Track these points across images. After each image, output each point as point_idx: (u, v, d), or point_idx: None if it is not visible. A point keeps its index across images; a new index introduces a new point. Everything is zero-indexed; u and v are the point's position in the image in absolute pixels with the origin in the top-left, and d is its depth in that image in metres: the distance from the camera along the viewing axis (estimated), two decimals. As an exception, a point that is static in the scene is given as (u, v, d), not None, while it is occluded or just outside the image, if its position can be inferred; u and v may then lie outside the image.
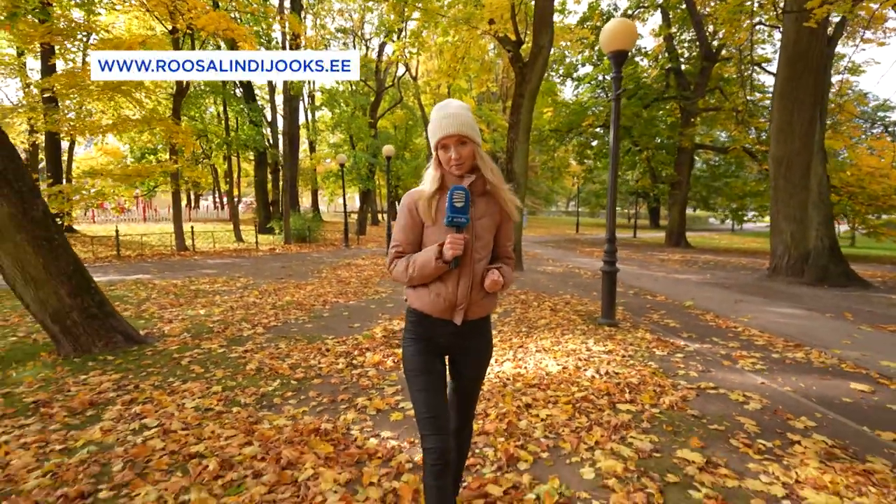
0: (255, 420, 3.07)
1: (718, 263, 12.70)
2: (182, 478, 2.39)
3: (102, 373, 3.98)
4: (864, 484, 2.32)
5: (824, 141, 9.12)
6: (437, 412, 1.67)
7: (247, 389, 3.61)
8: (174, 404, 3.32)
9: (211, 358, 4.39)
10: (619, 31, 5.00)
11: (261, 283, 8.98)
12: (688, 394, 3.47)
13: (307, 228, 18.33)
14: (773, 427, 2.96)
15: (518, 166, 10.00)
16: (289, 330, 5.43)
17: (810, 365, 4.23)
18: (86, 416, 3.17)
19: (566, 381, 3.69)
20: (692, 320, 5.95)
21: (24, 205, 4.15)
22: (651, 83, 20.09)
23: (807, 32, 7.60)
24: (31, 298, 4.30)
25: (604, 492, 2.27)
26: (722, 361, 4.28)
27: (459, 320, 1.67)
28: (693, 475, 2.39)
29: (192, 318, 5.98)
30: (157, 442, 2.76)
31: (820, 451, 2.64)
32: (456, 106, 1.63)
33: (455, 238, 1.54)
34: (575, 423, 2.99)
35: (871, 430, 2.94)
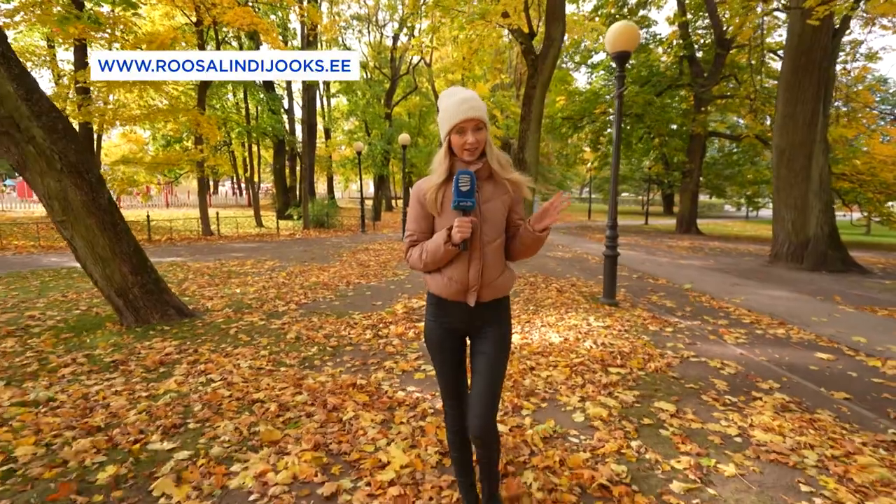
0: (301, 377, 3.66)
1: (724, 250, 13.02)
2: (250, 416, 2.98)
3: (163, 340, 4.61)
4: (806, 428, 2.82)
5: (827, 132, 9.39)
6: (453, 380, 1.85)
7: (290, 354, 4.20)
8: (231, 364, 3.93)
9: (254, 329, 5.00)
10: (622, 34, 5.39)
11: (287, 265, 9.60)
12: (672, 361, 3.98)
13: (325, 214, 18.95)
14: (742, 387, 3.46)
15: (529, 155, 10.41)
16: (318, 306, 6.03)
17: (788, 340, 4.69)
18: (159, 372, 3.79)
19: (566, 350, 4.21)
20: (688, 301, 6.42)
21: (93, 193, 4.76)
22: (665, 70, 20.15)
23: (811, 27, 7.85)
24: (100, 275, 4.94)
25: (590, 430, 2.80)
26: (708, 336, 4.77)
27: (473, 302, 1.72)
28: (664, 419, 2.92)
29: (231, 296, 6.61)
30: (224, 391, 3.37)
31: (776, 405, 3.13)
32: (469, 92, 1.66)
33: (462, 221, 1.58)
34: (571, 381, 3.52)
35: (826, 391, 3.42)
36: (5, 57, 4.28)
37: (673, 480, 2.28)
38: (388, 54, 25.42)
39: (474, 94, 1.65)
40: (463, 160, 1.67)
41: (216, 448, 2.59)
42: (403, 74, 25.71)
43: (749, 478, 2.32)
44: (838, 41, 9.90)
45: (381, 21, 28.71)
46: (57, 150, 4.50)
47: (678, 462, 2.44)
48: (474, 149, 1.64)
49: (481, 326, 1.79)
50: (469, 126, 1.62)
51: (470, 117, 1.60)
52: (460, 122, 1.61)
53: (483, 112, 1.63)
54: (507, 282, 1.80)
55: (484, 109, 1.64)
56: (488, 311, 1.77)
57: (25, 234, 14.17)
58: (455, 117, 1.61)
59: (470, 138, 1.62)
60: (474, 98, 1.63)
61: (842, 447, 2.58)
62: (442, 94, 1.71)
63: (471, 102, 1.61)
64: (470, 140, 1.62)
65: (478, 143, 1.64)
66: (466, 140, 1.62)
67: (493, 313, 1.78)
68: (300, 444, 2.63)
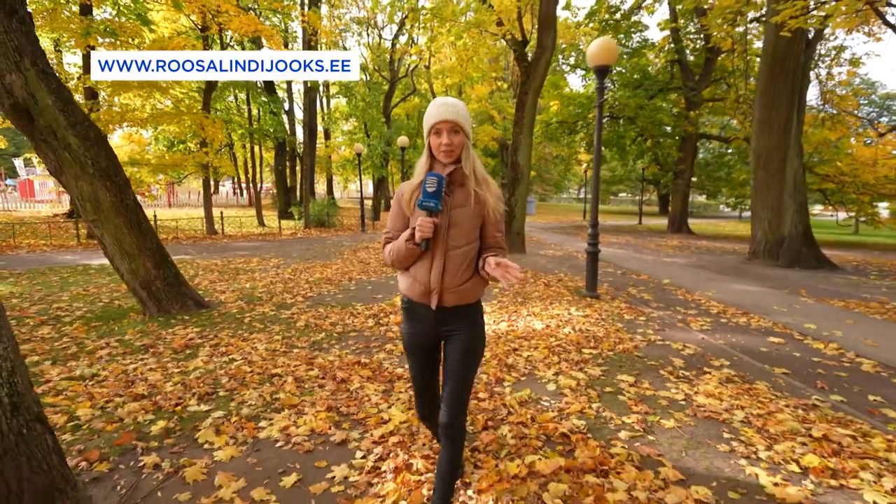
0: (312, 356, 4.16)
1: (710, 249, 13.55)
2: (270, 387, 3.49)
3: (185, 327, 5.11)
4: (742, 395, 3.33)
5: (801, 136, 9.92)
6: (423, 385, 1.98)
7: (300, 339, 4.71)
8: (249, 347, 4.43)
9: (266, 318, 5.50)
10: (602, 48, 5.91)
11: (290, 262, 10.09)
12: (640, 344, 4.50)
13: (326, 214, 19.43)
14: (696, 364, 3.98)
15: (522, 159, 10.92)
16: (323, 299, 6.53)
17: (748, 327, 5.21)
18: (185, 353, 4.29)
19: (547, 335, 4.73)
20: (664, 294, 6.94)
21: (121, 195, 5.25)
22: (656, 74, 20.68)
23: (784, 39, 8.37)
24: (126, 269, 5.43)
25: (560, 397, 3.31)
26: (677, 323, 5.29)
27: (434, 305, 1.74)
28: (623, 388, 3.43)
29: (241, 290, 7.10)
30: (245, 367, 3.87)
31: (722, 378, 3.65)
32: (454, 99, 1.72)
33: (424, 221, 1.61)
34: (548, 360, 4.03)
35: (769, 367, 3.94)
36: (45, 73, 4.77)
37: (622, 431, 2.80)
38: (387, 57, 25.91)
39: (458, 101, 1.72)
40: (441, 162, 1.72)
41: (245, 409, 3.10)
42: (402, 77, 26.21)
43: (684, 429, 2.83)
44: (812, 51, 10.43)
45: (381, 24, 29.19)
46: (90, 156, 4.99)
47: (628, 418, 2.95)
48: (449, 150, 1.68)
49: (450, 330, 1.80)
50: (445, 127, 1.67)
51: (445, 118, 1.65)
52: (437, 123, 1.67)
53: (461, 117, 1.67)
54: (474, 289, 1.78)
55: (463, 115, 1.69)
56: (454, 317, 1.77)
57: (35, 232, 14.64)
58: (433, 118, 1.68)
59: (444, 139, 1.67)
60: (455, 104, 1.68)
61: (767, 408, 3.10)
62: (433, 101, 1.78)
63: (449, 106, 1.67)
64: (444, 141, 1.67)
65: (452, 145, 1.68)
66: (441, 141, 1.67)
67: (461, 318, 1.78)
68: (315, 406, 3.14)
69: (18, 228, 14.58)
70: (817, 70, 16.83)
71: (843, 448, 2.59)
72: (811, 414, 3.04)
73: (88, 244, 12.91)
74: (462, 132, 1.69)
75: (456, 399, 1.77)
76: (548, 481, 2.29)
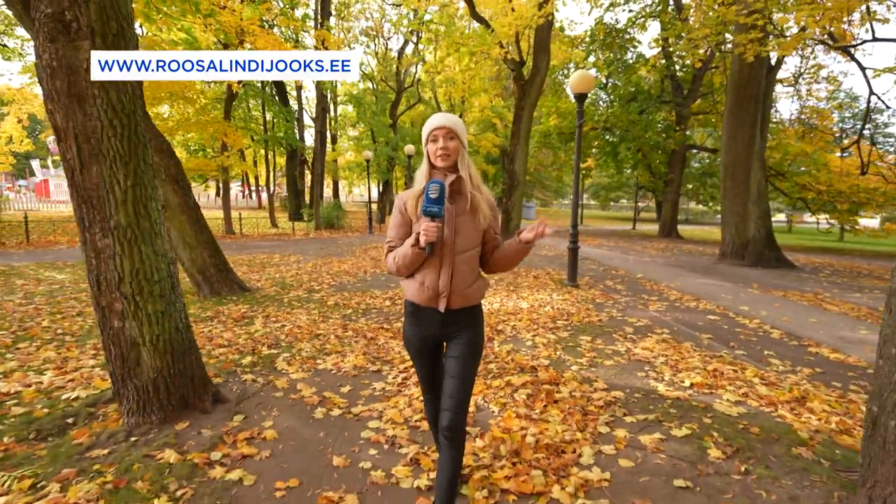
0: (345, 324, 5.33)
1: (690, 251, 14.69)
2: (318, 341, 4.66)
3: (237, 304, 6.27)
4: (669, 349, 4.49)
5: (764, 151, 11.11)
6: (432, 384, 2.05)
7: (333, 313, 5.88)
8: (293, 317, 5.60)
9: (301, 299, 6.67)
10: (581, 79, 7.10)
11: (309, 259, 11.27)
12: (603, 318, 5.66)
13: (335, 217, 20.65)
14: (643, 332, 5.14)
15: (518, 167, 12.12)
16: (345, 287, 7.70)
17: (695, 309, 6.37)
18: (244, 322, 5.45)
19: (530, 311, 5.90)
20: (635, 285, 8.10)
21: (185, 196, 6.45)
22: (648, 89, 21.90)
23: (748, 65, 9.56)
24: (187, 258, 6.62)
25: (534, 348, 4.47)
26: (638, 305, 6.46)
27: (443, 308, 1.82)
28: (582, 344, 4.59)
29: (273, 279, 8.28)
30: (296, 330, 5.04)
31: (658, 339, 4.81)
32: (449, 114, 1.86)
33: (428, 226, 1.68)
34: (529, 328, 5.20)
35: (699, 334, 5.10)
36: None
37: (573, 365, 3.96)
38: (394, 68, 27.21)
39: (454, 115, 1.86)
40: (437, 167, 1.82)
41: (304, 353, 4.27)
42: (408, 87, 27.48)
43: (618, 365, 4.00)
44: (773, 76, 11.63)
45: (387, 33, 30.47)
46: (163, 164, 6.19)
47: (580, 359, 4.12)
48: (445, 154, 1.77)
49: (454, 332, 1.88)
50: (440, 133, 1.78)
51: (441, 125, 1.78)
52: (433, 130, 1.79)
53: (456, 125, 1.79)
54: (479, 291, 1.90)
55: (459, 125, 1.81)
56: (460, 318, 1.86)
57: (65, 230, 15.82)
58: (429, 126, 1.81)
59: (440, 143, 1.77)
60: (451, 116, 1.82)
61: (683, 356, 4.26)
62: None
63: (446, 117, 1.81)
64: (440, 145, 1.77)
65: (448, 149, 1.77)
66: (438, 146, 1.78)
67: (465, 320, 1.88)
68: (354, 352, 4.31)
69: (49, 227, 15.79)
70: (798, 87, 18.09)
71: (723, 375, 3.75)
72: (714, 360, 4.20)
73: (121, 241, 14.11)
74: (457, 138, 1.79)
75: (458, 398, 1.82)
76: (518, 388, 3.45)
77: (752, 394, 3.40)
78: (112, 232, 2.72)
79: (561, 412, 3.08)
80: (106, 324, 2.81)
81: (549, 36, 11.71)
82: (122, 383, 2.85)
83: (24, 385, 3.46)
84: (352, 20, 28.17)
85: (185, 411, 2.98)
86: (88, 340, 4.59)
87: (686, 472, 2.43)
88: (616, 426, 2.92)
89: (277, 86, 22.76)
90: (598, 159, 24.33)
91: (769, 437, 2.76)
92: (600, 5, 19.67)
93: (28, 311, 5.64)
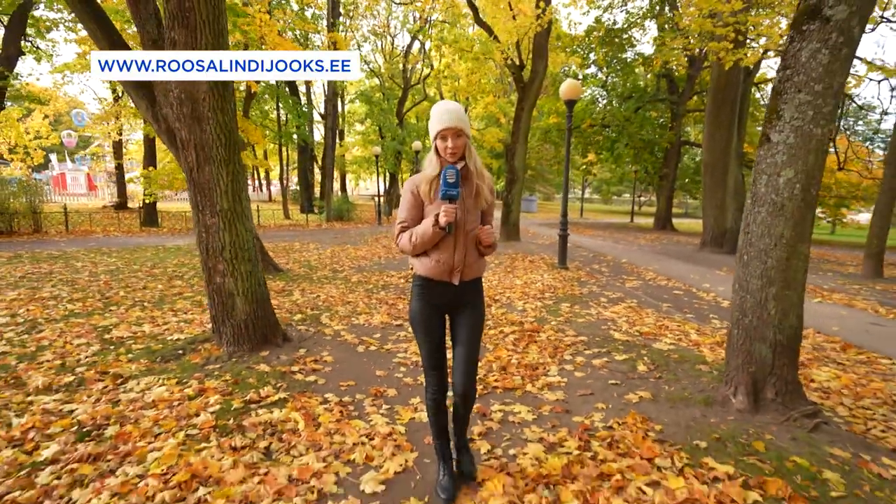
0: (369, 296, 6.45)
1: (678, 241, 15.72)
2: (350, 307, 5.77)
3: (274, 281, 7.37)
4: (632, 313, 5.58)
5: (741, 150, 12.13)
6: (436, 354, 2.11)
7: (357, 287, 6.99)
8: (325, 291, 6.72)
9: (327, 277, 7.79)
10: (569, 87, 8.15)
11: (326, 246, 12.38)
12: (584, 292, 6.76)
13: (345, 209, 21.76)
14: (615, 301, 6.23)
15: (518, 163, 13.17)
16: (364, 268, 8.82)
17: (666, 286, 7.45)
18: (284, 293, 6.57)
19: (523, 286, 7.00)
20: (618, 268, 9.18)
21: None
22: (645, 87, 22.83)
23: (725, 72, 10.53)
24: (231, 241, 7.73)
25: (524, 312, 5.57)
26: (616, 283, 7.54)
27: (457, 281, 2.02)
28: (562, 309, 5.70)
29: (299, 262, 9.40)
30: (329, 299, 6.16)
31: (625, 307, 5.90)
32: (454, 105, 1.97)
33: (448, 208, 1.87)
34: (520, 298, 6.30)
35: (660, 303, 6.18)
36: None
37: (552, 322, 5.07)
38: (400, 66, 28.19)
39: (458, 106, 1.97)
40: (447, 160, 1.98)
41: (339, 313, 5.40)
42: (414, 84, 28.46)
43: (588, 322, 5.10)
44: (750, 82, 12.60)
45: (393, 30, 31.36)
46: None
47: (559, 318, 5.22)
48: (455, 152, 1.95)
49: (462, 303, 2.10)
50: (450, 133, 1.92)
51: (450, 126, 1.91)
52: (442, 130, 1.92)
53: (462, 122, 1.93)
54: (483, 265, 2.14)
55: (464, 120, 1.94)
56: (468, 289, 2.09)
57: (96, 221, 17.00)
58: (438, 125, 1.93)
59: (450, 143, 1.93)
60: (457, 111, 1.94)
61: (641, 317, 5.36)
62: (434, 105, 2.02)
63: (452, 114, 1.92)
64: (450, 145, 1.93)
65: (457, 148, 1.94)
66: (447, 145, 1.94)
67: (472, 291, 2.11)
68: (380, 313, 5.43)
69: (78, 217, 16.96)
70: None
71: (668, 328, 4.85)
72: (665, 319, 5.29)
73: (148, 231, 15.32)
74: (464, 134, 1.95)
75: (471, 365, 2.06)
76: (508, 335, 4.57)
77: (685, 339, 4.50)
78: (218, 213, 3.84)
79: (538, 348, 4.20)
80: (211, 279, 3.94)
81: (546, 42, 12.70)
82: (222, 323, 3.98)
83: (132, 333, 4.60)
84: (360, 18, 29.13)
85: (265, 345, 4.11)
86: (163, 305, 5.72)
87: (618, 377, 3.54)
88: (577, 356, 4.03)
89: (289, 83, 23.82)
90: (597, 153, 25.29)
91: (683, 360, 3.86)
92: (598, 6, 20.61)
93: (100, 285, 6.77)
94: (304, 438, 2.63)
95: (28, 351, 3.98)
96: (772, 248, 2.75)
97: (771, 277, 2.77)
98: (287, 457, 2.46)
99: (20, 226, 13.27)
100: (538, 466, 2.35)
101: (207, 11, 3.68)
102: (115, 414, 2.86)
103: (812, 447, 2.46)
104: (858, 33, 2.53)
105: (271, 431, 2.71)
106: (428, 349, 2.11)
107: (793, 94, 2.62)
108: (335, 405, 3.06)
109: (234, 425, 2.75)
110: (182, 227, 16.72)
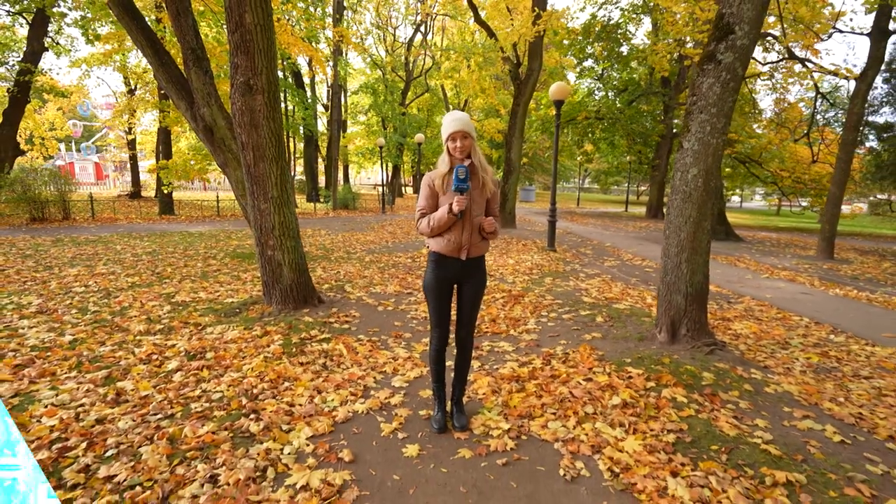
0: (382, 271, 7.51)
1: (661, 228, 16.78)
2: (366, 280, 6.84)
3: (297, 260, 8.44)
4: (604, 285, 6.65)
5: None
6: (443, 314, 2.64)
7: (371, 265, 8.06)
8: (343, 268, 7.79)
9: (342, 258, 8.85)
10: (559, 88, 9.14)
11: (336, 233, 13.42)
12: (567, 269, 7.83)
13: (350, 198, 22.77)
14: (592, 276, 7.30)
15: (514, 155, 14.17)
16: (374, 251, 9.88)
17: (640, 265, 8.52)
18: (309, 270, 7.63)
19: (514, 265, 8.07)
20: (601, 251, 10.24)
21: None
22: (639, 80, 23.70)
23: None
24: (258, 226, 8.78)
25: (513, 284, 6.64)
26: (596, 263, 8.61)
27: (464, 257, 2.53)
28: (547, 282, 6.77)
29: (315, 245, 10.46)
30: (347, 273, 7.23)
31: (601, 280, 6.97)
32: (461, 114, 2.49)
33: (460, 198, 2.35)
34: (511, 273, 7.36)
35: (630, 278, 7.25)
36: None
37: (536, 290, 6.14)
38: (403, 58, 28.99)
39: (464, 115, 2.48)
40: (456, 158, 2.48)
41: (359, 284, 6.47)
42: (417, 77, 29.28)
43: (565, 291, 6.18)
44: None
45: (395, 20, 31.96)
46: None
47: (541, 288, 6.30)
48: (462, 150, 2.46)
49: (468, 275, 2.60)
50: (458, 135, 2.44)
51: (458, 130, 2.43)
52: (452, 133, 2.44)
53: (468, 127, 2.44)
54: (486, 245, 2.65)
55: (469, 125, 2.45)
56: (473, 264, 2.59)
57: (116, 209, 18.02)
58: (448, 129, 2.46)
59: (458, 144, 2.44)
60: (463, 118, 2.45)
61: (610, 287, 6.43)
62: (446, 115, 2.53)
63: (459, 121, 2.44)
64: (458, 145, 2.44)
65: (463, 147, 2.45)
66: (456, 145, 2.45)
67: (476, 266, 2.61)
68: (393, 284, 6.50)
69: (104, 206, 17.99)
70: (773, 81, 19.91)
71: (630, 294, 5.93)
72: (629, 289, 6.37)
73: (168, 218, 16.36)
74: (469, 137, 2.44)
75: (470, 319, 2.68)
76: (498, 299, 5.64)
77: (640, 302, 5.59)
78: (270, 200, 4.89)
79: (522, 308, 5.28)
80: (264, 253, 5.00)
81: (541, 44, 13.63)
82: (272, 287, 5.05)
83: (192, 298, 5.67)
84: (363, 12, 29.85)
85: (305, 305, 5.18)
86: (208, 278, 6.78)
87: (580, 325, 4.62)
88: (551, 312, 5.11)
89: (295, 76, 24.69)
90: (595, 144, 26.23)
91: (633, 314, 4.94)
92: (594, 3, 21.45)
93: (146, 264, 7.82)
94: (348, 359, 3.73)
95: (115, 310, 5.05)
96: (683, 224, 3.81)
97: (683, 246, 3.83)
98: (338, 368, 3.55)
99: (51, 213, 14.31)
100: (512, 373, 3.44)
101: (263, 42, 4.68)
102: (208, 346, 3.95)
103: (702, 362, 3.55)
104: (742, 71, 3.57)
105: (324, 355, 3.80)
106: (437, 310, 2.62)
107: (697, 114, 3.67)
108: (367, 342, 4.15)
109: (297, 350, 3.84)
110: (198, 214, 17.77)
